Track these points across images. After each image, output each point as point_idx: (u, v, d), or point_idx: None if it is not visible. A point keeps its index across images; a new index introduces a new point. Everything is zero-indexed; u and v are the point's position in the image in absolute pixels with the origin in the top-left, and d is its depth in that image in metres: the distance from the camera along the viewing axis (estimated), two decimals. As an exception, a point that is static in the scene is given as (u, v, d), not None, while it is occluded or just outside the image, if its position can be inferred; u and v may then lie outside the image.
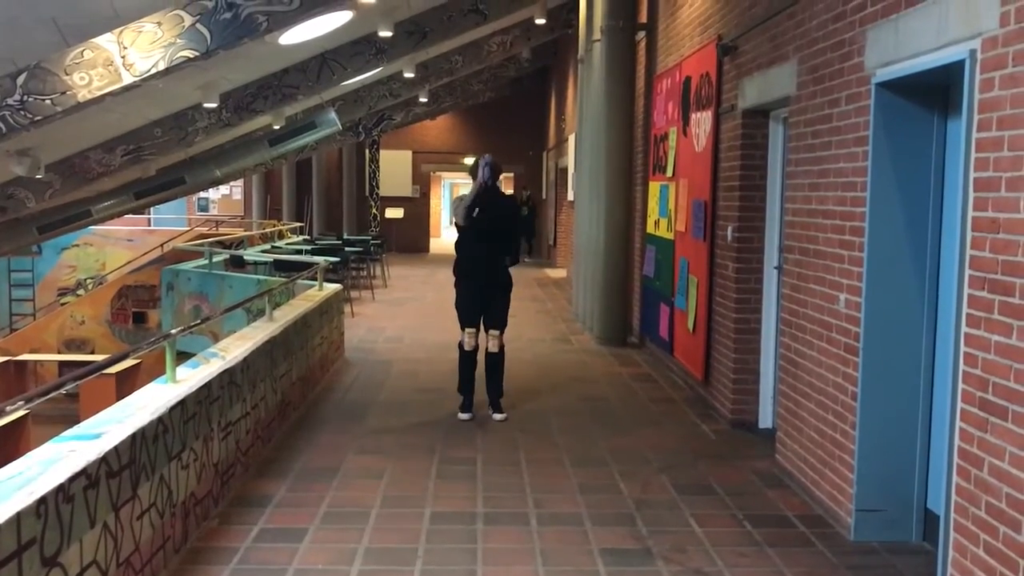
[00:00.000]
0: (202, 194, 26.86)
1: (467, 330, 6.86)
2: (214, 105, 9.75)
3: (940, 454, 4.16)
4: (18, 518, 2.74)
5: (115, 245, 23.57)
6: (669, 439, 6.33)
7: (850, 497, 4.49)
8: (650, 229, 9.51)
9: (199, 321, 5.76)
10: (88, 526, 3.22)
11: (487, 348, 6.88)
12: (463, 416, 6.78)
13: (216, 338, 8.88)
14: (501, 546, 4.38)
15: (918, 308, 4.36)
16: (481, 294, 6.82)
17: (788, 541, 4.48)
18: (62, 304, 19.70)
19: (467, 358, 6.92)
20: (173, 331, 4.76)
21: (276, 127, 13.11)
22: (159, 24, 6.90)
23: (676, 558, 4.24)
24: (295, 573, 4.04)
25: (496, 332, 6.84)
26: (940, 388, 4.29)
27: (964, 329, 3.48)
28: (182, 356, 4.96)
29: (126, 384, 9.54)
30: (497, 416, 6.80)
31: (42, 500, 2.89)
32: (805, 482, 5.12)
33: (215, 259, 13.51)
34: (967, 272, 3.46)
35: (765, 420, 6.49)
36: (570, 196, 16.35)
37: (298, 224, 23.07)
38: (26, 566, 2.77)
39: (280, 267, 13.09)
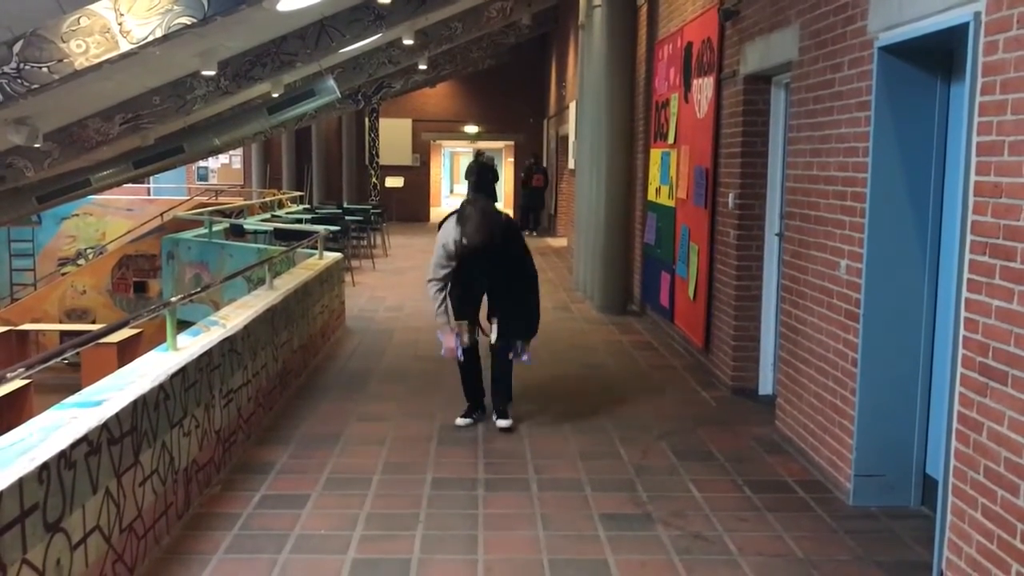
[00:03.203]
0: (201, 163, 26.76)
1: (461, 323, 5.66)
2: (212, 73, 9.68)
3: (939, 419, 4.17)
4: (20, 484, 2.75)
5: (115, 215, 23.51)
6: (669, 406, 6.35)
7: (849, 462, 4.51)
8: (651, 196, 9.47)
9: (199, 289, 5.77)
10: (90, 492, 3.24)
11: (491, 343, 5.77)
12: (461, 421, 5.84)
13: (217, 307, 8.87)
14: (502, 511, 4.40)
15: (919, 274, 4.35)
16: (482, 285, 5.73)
17: (787, 506, 4.50)
18: (63, 274, 19.69)
19: (465, 364, 5.81)
20: (173, 299, 4.76)
21: (275, 95, 13.03)
22: (156, -10, 6.82)
23: (676, 523, 4.27)
24: (297, 539, 4.07)
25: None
26: (940, 353, 4.29)
27: (965, 294, 3.47)
28: (183, 325, 4.96)
29: (127, 353, 9.55)
30: (502, 423, 5.76)
31: (44, 466, 2.91)
32: (805, 448, 5.14)
33: (215, 228, 13.49)
34: (968, 237, 3.45)
35: (765, 387, 6.51)
36: (571, 164, 16.28)
37: (298, 193, 23.00)
38: (29, 531, 2.79)
39: (280, 236, 13.09)
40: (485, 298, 5.83)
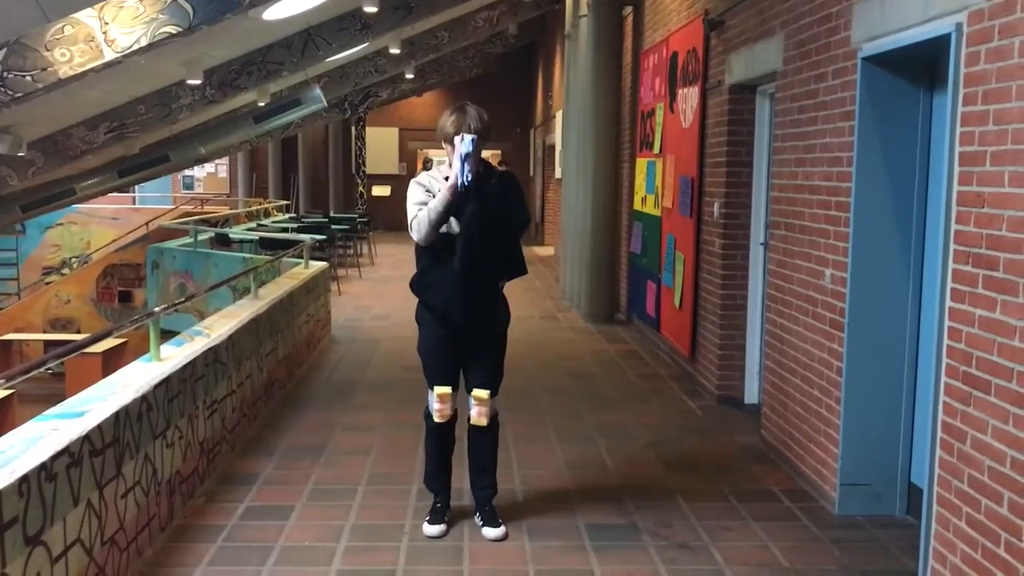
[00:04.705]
0: (187, 172, 26.63)
1: (437, 390, 4.28)
2: (198, 82, 9.64)
3: (924, 428, 4.18)
4: None
5: (100, 224, 23.37)
6: (656, 415, 6.35)
7: (835, 472, 4.51)
8: (637, 206, 9.49)
9: (183, 299, 5.73)
10: (72, 504, 3.21)
11: (470, 419, 4.29)
12: (431, 530, 4.21)
13: (201, 316, 8.82)
14: (488, 522, 4.37)
15: (903, 283, 4.36)
16: (461, 339, 4.23)
17: (773, 516, 4.50)
18: (47, 283, 19.58)
19: (438, 435, 4.34)
20: (157, 309, 4.73)
21: (261, 104, 13.00)
22: (141, -1, 6.80)
23: (662, 533, 4.26)
24: (282, 550, 4.04)
25: (484, 393, 4.24)
26: (924, 362, 4.31)
27: (948, 303, 3.48)
28: (168, 334, 4.93)
29: (112, 363, 9.50)
30: (491, 532, 4.20)
31: (24, 479, 2.88)
32: (790, 457, 5.14)
33: (200, 237, 13.44)
34: (952, 246, 3.46)
35: (751, 396, 6.52)
36: (557, 174, 16.30)
37: (284, 202, 22.95)
38: (9, 544, 2.76)
39: (266, 245, 13.03)
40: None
